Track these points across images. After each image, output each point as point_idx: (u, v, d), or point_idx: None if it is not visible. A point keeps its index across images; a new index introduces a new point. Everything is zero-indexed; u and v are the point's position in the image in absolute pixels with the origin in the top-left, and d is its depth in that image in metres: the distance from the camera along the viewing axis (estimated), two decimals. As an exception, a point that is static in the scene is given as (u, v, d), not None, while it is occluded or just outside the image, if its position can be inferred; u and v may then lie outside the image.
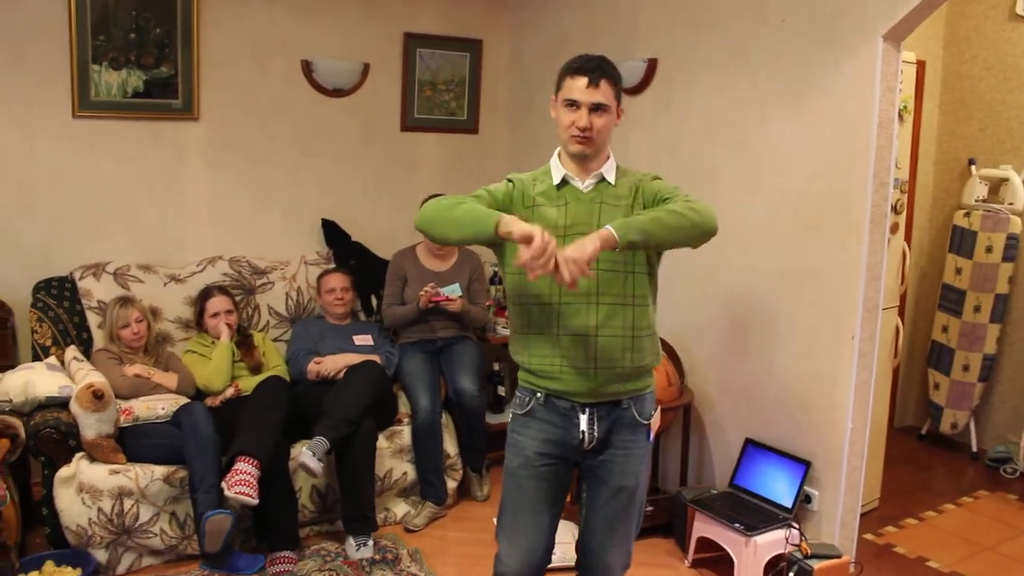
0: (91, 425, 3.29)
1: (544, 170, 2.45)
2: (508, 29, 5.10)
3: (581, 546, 2.54)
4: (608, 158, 2.40)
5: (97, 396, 3.26)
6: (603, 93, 2.29)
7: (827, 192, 3.35)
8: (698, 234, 2.21)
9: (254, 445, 3.32)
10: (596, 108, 2.30)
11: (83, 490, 3.26)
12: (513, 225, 2.12)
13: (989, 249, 4.74)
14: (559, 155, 2.42)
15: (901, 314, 4.37)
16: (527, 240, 2.04)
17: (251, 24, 4.35)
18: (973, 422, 4.90)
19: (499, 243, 2.26)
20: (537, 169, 2.47)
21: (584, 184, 2.37)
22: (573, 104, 2.30)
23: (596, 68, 2.30)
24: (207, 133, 4.32)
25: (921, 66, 4.55)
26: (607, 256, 2.28)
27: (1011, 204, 4.69)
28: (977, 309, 4.82)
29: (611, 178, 2.38)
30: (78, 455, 3.32)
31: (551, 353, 2.36)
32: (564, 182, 2.39)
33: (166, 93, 4.18)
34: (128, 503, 3.31)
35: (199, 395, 3.74)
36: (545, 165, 2.45)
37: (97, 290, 3.94)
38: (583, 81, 2.29)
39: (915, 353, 5.27)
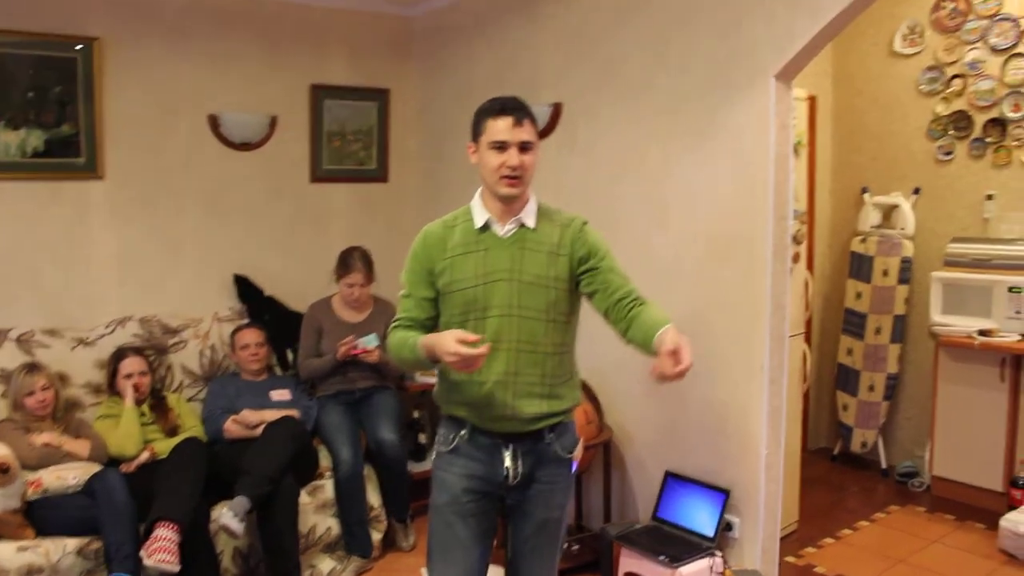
0: (-4, 500, 3.16)
1: (464, 211, 2.44)
2: (415, 78, 5.15)
3: (509, 571, 2.58)
4: (528, 199, 2.41)
5: (2, 470, 3.13)
6: (527, 131, 2.32)
7: (730, 227, 3.47)
8: None
9: (173, 509, 3.23)
10: (524, 146, 2.32)
11: (-11, 570, 3.12)
12: (436, 351, 2.24)
13: (886, 273, 4.96)
14: (481, 196, 2.42)
15: (808, 340, 4.53)
16: (451, 359, 2.18)
17: (156, 79, 4.30)
18: (881, 440, 5.08)
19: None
20: (457, 210, 2.47)
21: (504, 230, 2.38)
22: (501, 145, 2.31)
23: (518, 107, 2.33)
24: (112, 191, 4.23)
25: (813, 101, 4.76)
26: (526, 303, 2.33)
27: (903, 229, 4.93)
28: (878, 331, 5.03)
29: (531, 223, 2.39)
30: (-17, 533, 3.18)
31: (468, 400, 2.40)
32: (486, 226, 2.40)
33: (68, 152, 4.08)
34: (39, 580, 3.18)
35: (113, 462, 3.62)
36: (465, 206, 2.44)
37: (-1, 358, 3.80)
38: (508, 121, 2.30)
39: (823, 376, 5.45)
